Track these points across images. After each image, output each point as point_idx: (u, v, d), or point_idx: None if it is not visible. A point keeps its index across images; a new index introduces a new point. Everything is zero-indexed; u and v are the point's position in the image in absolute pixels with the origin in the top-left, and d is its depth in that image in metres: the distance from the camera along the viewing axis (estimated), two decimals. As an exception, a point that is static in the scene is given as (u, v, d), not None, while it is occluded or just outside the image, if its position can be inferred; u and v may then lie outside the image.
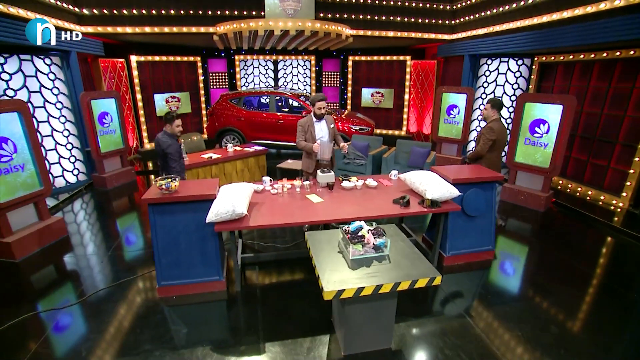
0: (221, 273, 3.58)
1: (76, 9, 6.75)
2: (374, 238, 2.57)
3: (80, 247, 4.58)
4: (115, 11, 7.13)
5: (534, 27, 6.54)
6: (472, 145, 8.76)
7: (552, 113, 5.53)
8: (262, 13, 7.73)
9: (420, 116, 10.86)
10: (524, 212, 5.69)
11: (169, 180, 3.43)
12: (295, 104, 9.50)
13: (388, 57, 10.81)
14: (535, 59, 7.52)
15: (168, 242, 3.45)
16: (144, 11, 7.32)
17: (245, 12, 7.95)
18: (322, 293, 2.20)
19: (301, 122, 4.51)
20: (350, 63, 11.27)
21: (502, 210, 5.79)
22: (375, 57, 10.95)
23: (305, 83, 11.79)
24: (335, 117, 8.51)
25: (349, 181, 4.24)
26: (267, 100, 9.76)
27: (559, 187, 6.76)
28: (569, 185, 6.64)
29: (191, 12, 7.69)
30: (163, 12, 7.48)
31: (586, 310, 3.40)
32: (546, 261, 4.25)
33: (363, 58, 11.10)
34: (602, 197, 6.00)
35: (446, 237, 4.00)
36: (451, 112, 8.12)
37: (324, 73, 11.69)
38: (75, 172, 6.63)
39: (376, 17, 8.67)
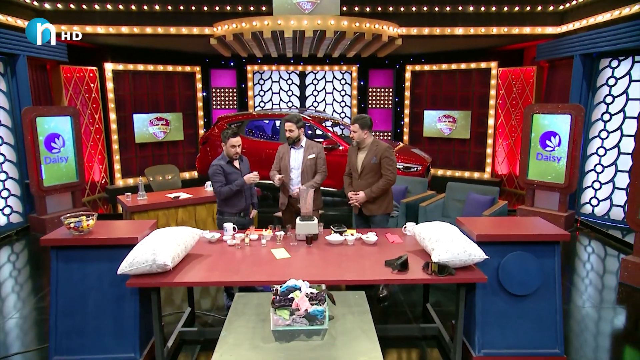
0: (138, 349, 3.79)
1: (35, 2, 8.03)
2: (310, 304, 2.71)
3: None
4: (84, 6, 8.33)
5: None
6: (589, 196, 8.46)
7: None
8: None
9: (512, 151, 10.75)
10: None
11: (83, 217, 3.86)
12: (318, 131, 9.93)
13: (463, 65, 11.08)
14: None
15: (71, 300, 3.78)
16: (120, 6, 8.46)
17: (252, 8, 8.82)
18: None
19: (280, 147, 5.27)
20: (408, 75, 11.71)
21: (625, 299, 5.44)
22: (445, 66, 11.29)
23: (343, 103, 12.36)
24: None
25: (341, 235, 4.41)
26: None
27: None
28: None
29: (182, 7, 8.72)
30: (145, 7, 8.58)
31: None
32: None
33: (426, 67, 11.50)
34: None
35: (474, 326, 3.92)
36: (548, 142, 7.96)
37: (370, 89, 12.22)
38: (7, 210, 7.49)
39: (437, 9, 9.08)
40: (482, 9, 9.07)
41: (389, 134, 12.31)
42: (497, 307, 3.92)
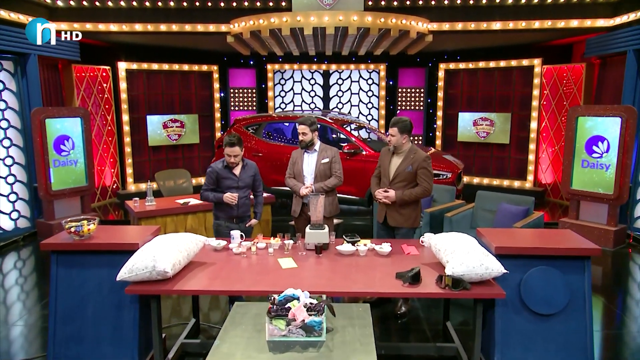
0: (136, 357, 3.96)
1: (48, 0, 8.37)
2: (308, 315, 2.81)
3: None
4: (97, 3, 8.69)
5: None
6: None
7: None
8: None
9: (558, 157, 10.62)
10: None
11: (84, 222, 4.07)
12: (342, 135, 10.04)
13: (502, 63, 11.03)
14: None
15: (71, 306, 3.98)
16: (134, 3, 8.77)
17: (271, 3, 9.04)
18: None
19: (294, 152, 5.42)
20: (441, 74, 11.74)
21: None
22: (482, 64, 11.27)
23: (370, 105, 12.46)
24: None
25: (353, 244, 4.50)
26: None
27: None
28: None
29: (197, 4, 9.00)
30: (159, 4, 8.89)
31: None
32: None
33: (462, 65, 11.51)
34: None
35: (494, 347, 3.95)
36: (595, 148, 7.86)
37: (399, 90, 12.29)
38: (15, 215, 7.84)
39: (471, 1, 9.10)
40: (523, 0, 9.00)
41: (420, 138, 12.32)
42: (519, 326, 3.91)
